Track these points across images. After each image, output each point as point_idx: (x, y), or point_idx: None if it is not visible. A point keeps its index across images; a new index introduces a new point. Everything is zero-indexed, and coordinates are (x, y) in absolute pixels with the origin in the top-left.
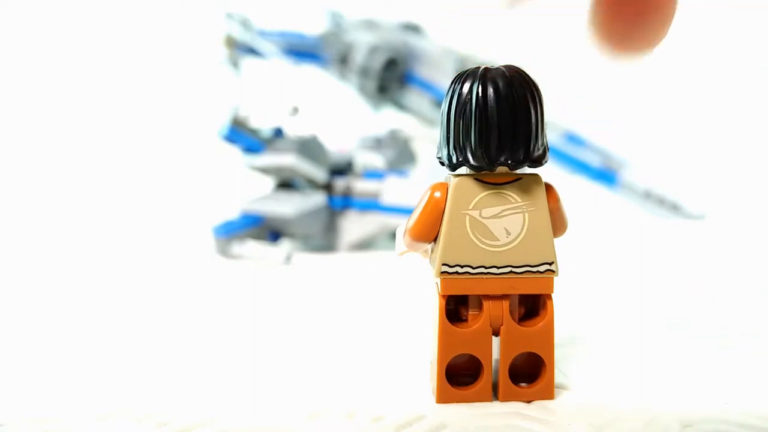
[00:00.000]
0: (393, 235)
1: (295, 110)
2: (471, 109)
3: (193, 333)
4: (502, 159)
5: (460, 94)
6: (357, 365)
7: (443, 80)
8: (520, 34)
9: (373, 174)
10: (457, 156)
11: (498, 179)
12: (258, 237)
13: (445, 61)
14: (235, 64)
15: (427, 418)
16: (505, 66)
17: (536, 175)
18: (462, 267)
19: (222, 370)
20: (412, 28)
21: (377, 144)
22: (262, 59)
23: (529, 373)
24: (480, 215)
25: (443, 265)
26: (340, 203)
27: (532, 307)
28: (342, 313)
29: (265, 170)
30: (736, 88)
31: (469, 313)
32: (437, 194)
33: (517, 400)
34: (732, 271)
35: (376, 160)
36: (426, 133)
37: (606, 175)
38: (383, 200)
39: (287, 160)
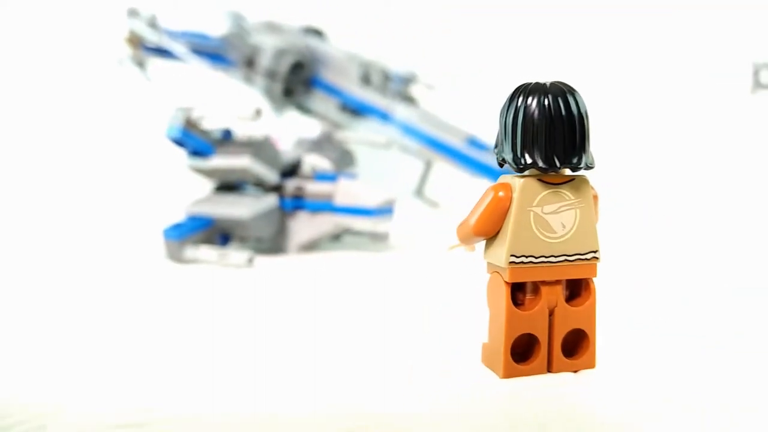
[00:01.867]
0: (335, 237)
1: (258, 113)
2: (541, 119)
3: (177, 341)
4: (567, 163)
5: (527, 106)
6: (390, 359)
7: (348, 85)
8: (422, 43)
9: (325, 176)
10: (525, 160)
11: (556, 180)
12: (208, 240)
13: (350, 67)
14: (140, 63)
15: (504, 389)
16: (560, 83)
17: (584, 176)
18: (527, 257)
19: (225, 369)
20: (315, 33)
21: (316, 146)
22: (170, 60)
23: (567, 348)
24: (542, 211)
25: (511, 255)
26: (290, 205)
27: (573, 289)
28: (334, 311)
29: (212, 172)
30: (626, 88)
31: (527, 297)
32: (501, 194)
33: (566, 371)
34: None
35: (323, 162)
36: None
37: None
38: (337, 201)
39: (242, 162)
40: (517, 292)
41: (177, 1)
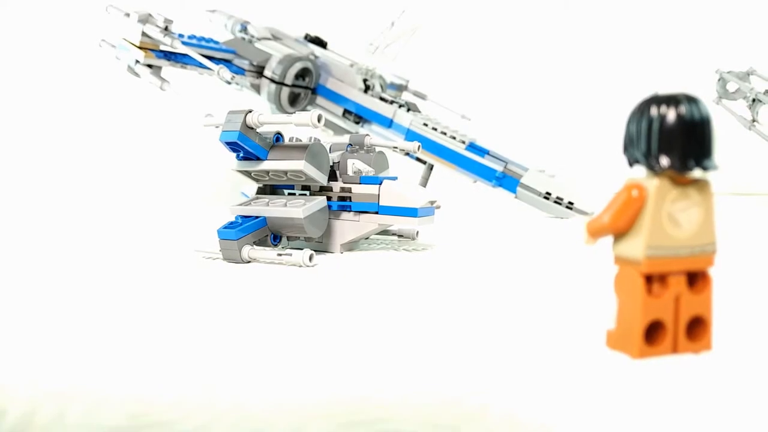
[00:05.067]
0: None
1: (320, 118)
2: (677, 126)
3: (250, 341)
4: (700, 165)
5: (663, 114)
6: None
7: (353, 92)
8: (420, 53)
9: (370, 179)
10: (662, 162)
11: (684, 180)
12: (262, 240)
13: (354, 74)
14: (152, 68)
15: (503, 389)
16: (686, 93)
17: (706, 178)
18: (660, 250)
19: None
20: (317, 42)
21: (352, 150)
22: (182, 65)
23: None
24: (673, 209)
25: (648, 249)
26: (336, 206)
27: (689, 278)
28: (368, 310)
29: (262, 174)
30: (603, 98)
31: (654, 286)
32: (635, 192)
33: (689, 352)
34: None
35: (363, 165)
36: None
37: (509, 180)
38: (383, 202)
39: (297, 164)
40: (646, 282)
41: (180, 7)
